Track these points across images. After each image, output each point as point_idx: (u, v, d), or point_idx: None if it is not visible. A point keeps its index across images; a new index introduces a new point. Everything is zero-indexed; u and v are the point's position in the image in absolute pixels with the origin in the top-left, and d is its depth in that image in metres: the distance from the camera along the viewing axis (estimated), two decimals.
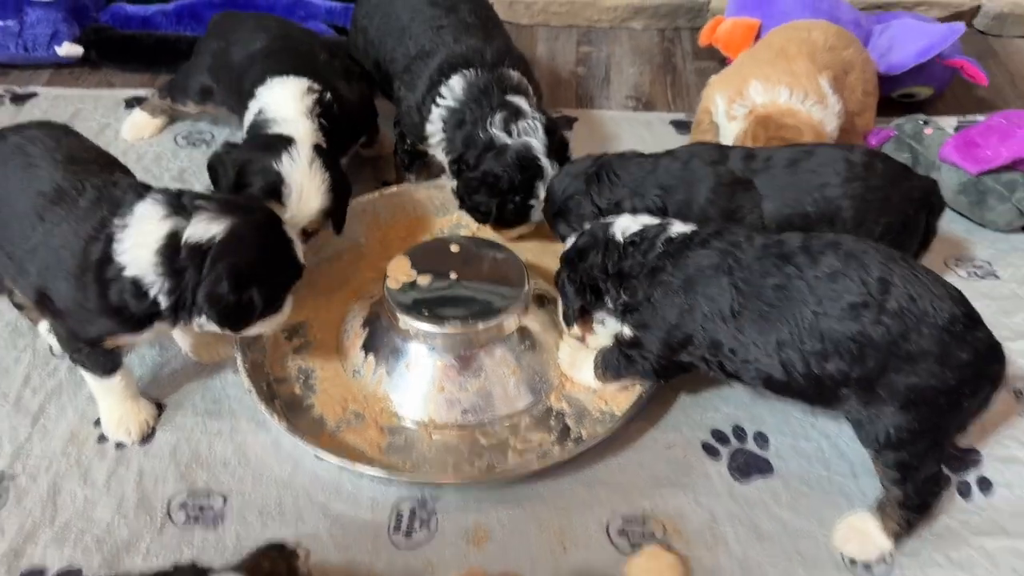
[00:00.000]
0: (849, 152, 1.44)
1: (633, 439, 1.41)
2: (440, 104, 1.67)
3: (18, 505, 1.31)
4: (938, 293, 1.16)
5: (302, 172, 1.47)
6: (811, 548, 1.27)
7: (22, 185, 1.30)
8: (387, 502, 1.32)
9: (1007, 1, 2.41)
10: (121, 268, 1.22)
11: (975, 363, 1.15)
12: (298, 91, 1.60)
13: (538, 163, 1.59)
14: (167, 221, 1.23)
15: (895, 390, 1.15)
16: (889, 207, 1.41)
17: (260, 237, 1.28)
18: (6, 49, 2.19)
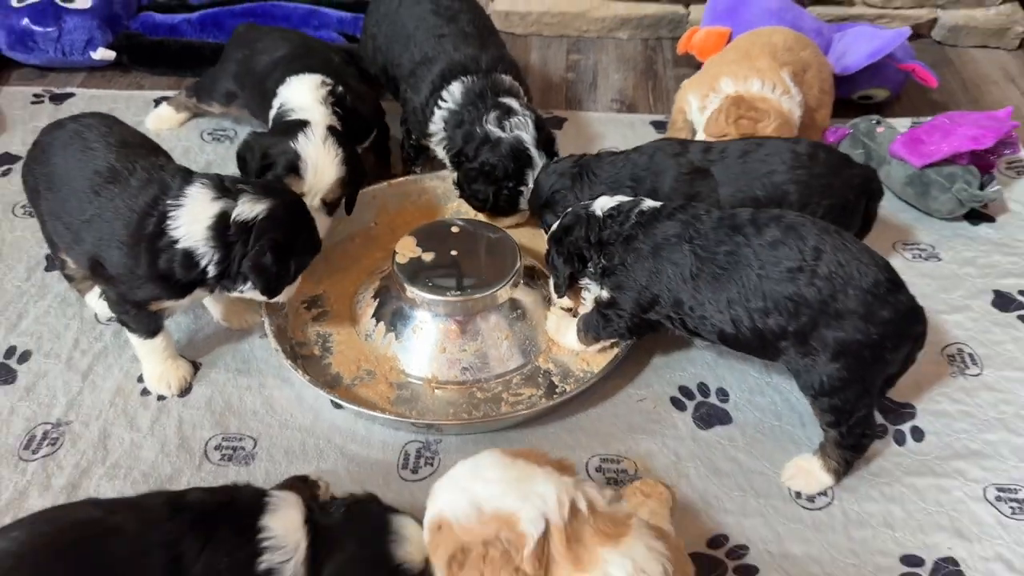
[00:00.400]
0: (795, 144, 1.63)
1: (611, 394, 1.61)
2: (442, 107, 1.86)
3: (73, 447, 1.51)
4: (864, 261, 1.35)
5: (316, 148, 1.67)
6: (763, 483, 1.47)
7: (80, 165, 1.48)
8: (396, 444, 1.52)
9: (961, 14, 2.61)
10: (174, 241, 1.40)
11: (896, 321, 1.34)
12: (313, 84, 1.79)
13: (528, 153, 1.78)
14: (217, 202, 1.42)
15: (826, 343, 1.34)
16: (831, 192, 1.60)
17: (293, 216, 1.48)
18: (46, 53, 2.38)
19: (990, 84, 2.50)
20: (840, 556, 1.36)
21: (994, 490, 1.45)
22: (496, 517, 1.03)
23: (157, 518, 1.08)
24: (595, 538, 1.04)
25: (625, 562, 1.02)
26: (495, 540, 1.02)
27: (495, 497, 1.05)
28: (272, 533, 1.09)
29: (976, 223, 1.99)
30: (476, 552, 1.02)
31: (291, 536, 1.11)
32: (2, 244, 1.89)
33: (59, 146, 1.52)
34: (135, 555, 1.04)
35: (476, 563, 1.02)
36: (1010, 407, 1.59)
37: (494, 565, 1.01)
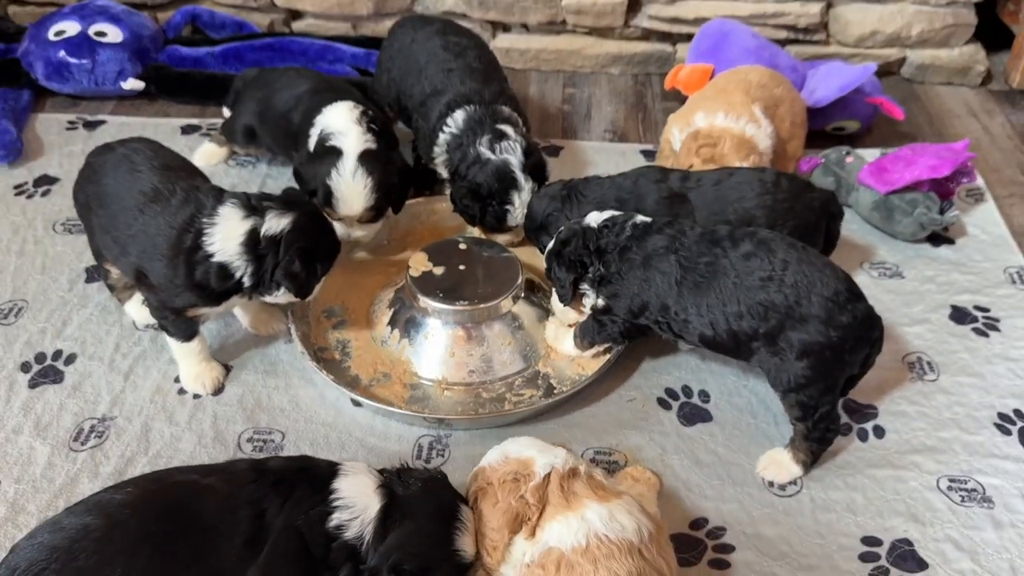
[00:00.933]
0: (761, 173, 1.82)
1: (604, 394, 1.78)
2: (445, 132, 2.04)
3: (118, 439, 1.66)
4: (827, 273, 1.53)
5: (347, 184, 1.87)
6: (739, 473, 1.63)
7: (128, 185, 1.65)
8: (411, 437, 1.68)
9: (927, 54, 2.81)
10: (210, 255, 1.57)
11: (854, 326, 1.51)
12: (347, 108, 1.98)
13: (513, 176, 1.95)
14: (247, 220, 1.59)
15: (792, 344, 1.51)
16: (794, 214, 1.78)
17: (314, 225, 1.66)
18: (80, 83, 2.55)
19: (954, 118, 2.70)
20: (807, 537, 1.53)
21: (946, 481, 1.62)
22: (517, 460, 1.35)
23: (243, 480, 1.26)
24: (586, 492, 1.30)
25: (603, 511, 1.26)
26: (512, 474, 1.32)
27: (520, 450, 1.37)
28: (343, 494, 1.27)
29: (937, 245, 2.17)
30: (495, 482, 1.32)
31: (361, 498, 1.28)
32: (45, 258, 2.06)
33: (109, 167, 1.69)
34: (227, 511, 1.22)
35: (494, 489, 1.32)
36: (962, 408, 1.76)
37: (505, 489, 1.31)
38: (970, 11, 2.75)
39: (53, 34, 2.56)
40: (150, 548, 1.17)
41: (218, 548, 1.20)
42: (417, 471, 1.39)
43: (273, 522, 1.23)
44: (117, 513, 1.19)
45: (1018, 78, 2.78)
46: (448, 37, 2.19)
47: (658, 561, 1.25)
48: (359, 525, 1.26)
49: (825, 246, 1.86)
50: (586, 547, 1.22)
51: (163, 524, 1.20)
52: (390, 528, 1.27)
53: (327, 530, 1.25)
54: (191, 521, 1.21)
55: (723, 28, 2.48)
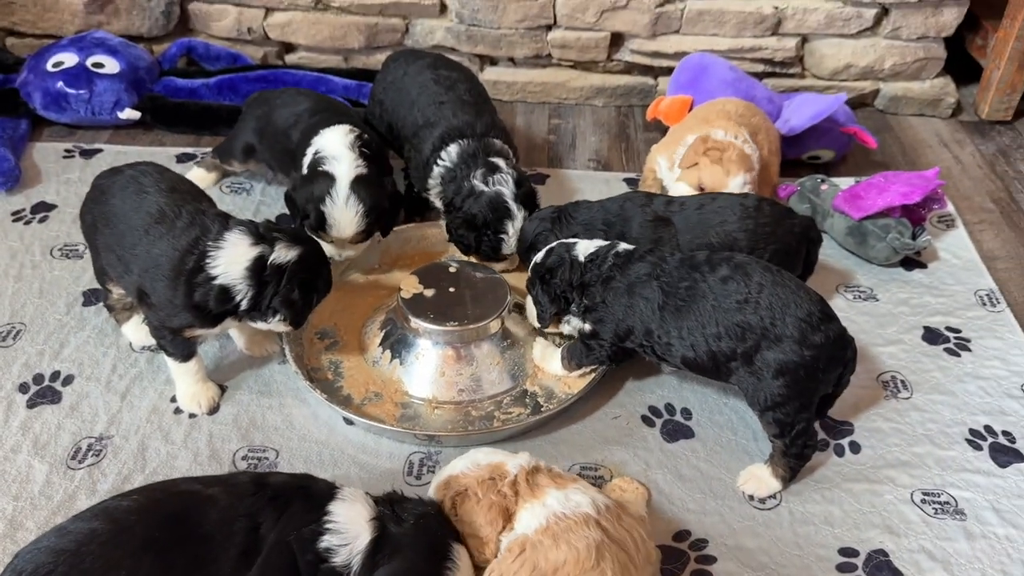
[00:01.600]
0: (744, 198, 1.90)
1: (590, 412, 1.83)
2: (440, 165, 2.10)
3: (115, 458, 1.70)
4: (800, 295, 1.59)
5: (339, 209, 1.93)
6: (720, 488, 1.69)
7: (134, 206, 1.70)
8: (402, 455, 1.73)
9: (900, 86, 2.92)
10: (212, 277, 1.61)
11: (827, 346, 1.57)
12: (342, 132, 2.04)
13: (507, 206, 2.01)
14: (255, 247, 1.64)
15: (768, 363, 1.57)
16: (775, 239, 1.86)
17: (317, 261, 1.72)
18: (77, 113, 2.60)
19: (926, 148, 2.80)
20: (787, 549, 1.58)
21: (920, 494, 1.68)
22: (489, 465, 1.47)
23: (243, 492, 1.30)
24: (547, 481, 1.44)
25: (560, 494, 1.40)
26: (488, 476, 1.44)
27: (488, 455, 1.49)
28: (336, 519, 1.30)
29: (910, 269, 2.25)
30: (475, 484, 1.43)
31: (353, 526, 1.30)
32: (43, 283, 2.10)
33: (117, 189, 1.74)
34: (224, 521, 1.26)
35: (474, 491, 1.43)
36: (935, 425, 1.82)
37: (485, 487, 1.43)
38: (940, 45, 2.86)
39: (51, 65, 2.62)
40: (153, 554, 1.21)
41: (216, 558, 1.24)
42: (412, 503, 1.41)
43: (267, 536, 1.26)
44: (123, 519, 1.24)
45: (987, 109, 2.89)
46: (439, 71, 2.27)
47: (619, 531, 1.35)
48: (347, 553, 1.28)
49: (803, 271, 1.93)
50: (546, 527, 1.34)
51: (166, 531, 1.24)
52: (379, 562, 1.29)
53: (317, 550, 1.27)
54: (192, 530, 1.25)
55: (702, 61, 2.58)
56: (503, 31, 2.84)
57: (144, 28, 2.87)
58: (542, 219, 1.98)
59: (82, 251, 2.18)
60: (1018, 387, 1.92)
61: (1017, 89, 2.85)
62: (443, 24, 2.86)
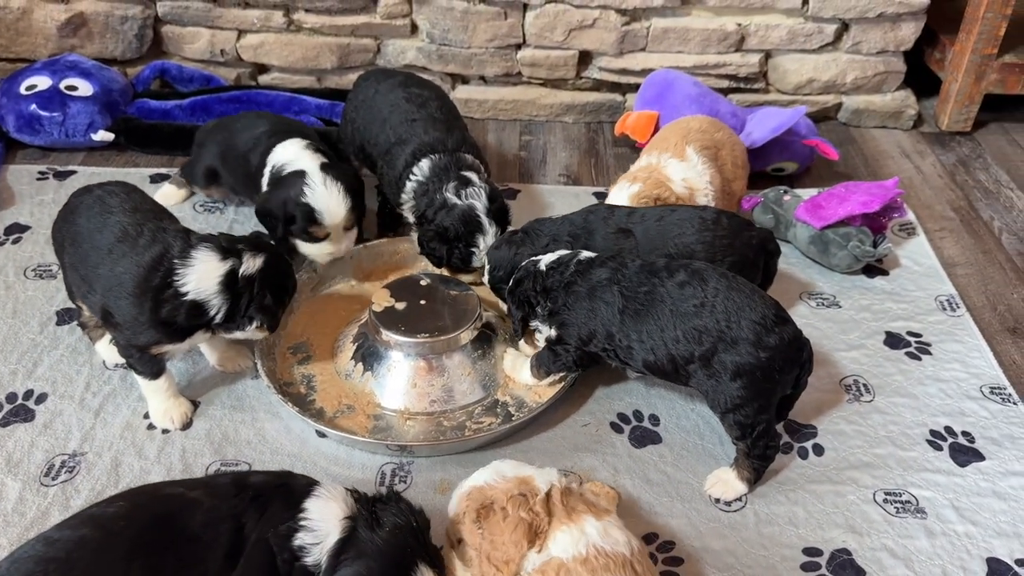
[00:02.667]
0: (702, 211, 1.94)
1: (560, 420, 1.86)
2: (412, 179, 2.14)
3: (88, 474, 1.71)
4: (755, 299, 1.63)
5: (323, 194, 2.00)
6: (687, 491, 1.72)
7: (98, 225, 1.72)
8: (374, 466, 1.75)
9: (862, 99, 2.99)
10: (183, 294, 1.64)
11: (782, 347, 1.61)
12: (299, 144, 2.11)
13: (479, 220, 2.04)
14: (225, 262, 1.67)
15: (725, 366, 1.61)
16: (733, 251, 1.90)
17: (281, 264, 1.76)
18: (51, 135, 2.62)
19: (888, 159, 2.87)
20: (752, 549, 1.61)
21: (882, 494, 1.72)
22: (517, 478, 1.43)
23: (225, 494, 1.32)
24: (582, 507, 1.41)
25: (600, 525, 1.37)
26: (517, 490, 1.40)
27: (514, 469, 1.47)
28: (310, 516, 1.32)
29: (872, 276, 2.30)
30: (500, 501, 1.39)
31: (325, 524, 1.31)
32: (16, 303, 2.11)
33: (84, 208, 1.77)
34: (209, 523, 1.28)
35: (501, 505, 1.39)
36: (897, 427, 1.87)
37: (515, 504, 1.38)
38: (899, 59, 2.94)
39: (24, 88, 2.64)
40: (143, 558, 1.22)
41: (203, 559, 1.25)
42: (396, 510, 1.38)
43: (250, 536, 1.28)
44: (111, 525, 1.25)
45: (946, 121, 2.97)
46: (410, 89, 2.30)
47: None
48: (318, 552, 1.30)
49: (763, 282, 1.97)
50: (585, 557, 1.31)
51: (154, 535, 1.25)
52: (341, 563, 1.29)
53: (292, 548, 1.29)
54: (179, 533, 1.26)
55: (667, 77, 2.64)
56: (473, 50, 2.89)
57: (117, 51, 2.90)
58: (509, 243, 2.00)
59: (55, 271, 2.19)
60: (977, 389, 1.97)
61: (975, 101, 2.93)
62: (414, 44, 2.91)
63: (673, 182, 2.09)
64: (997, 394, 1.95)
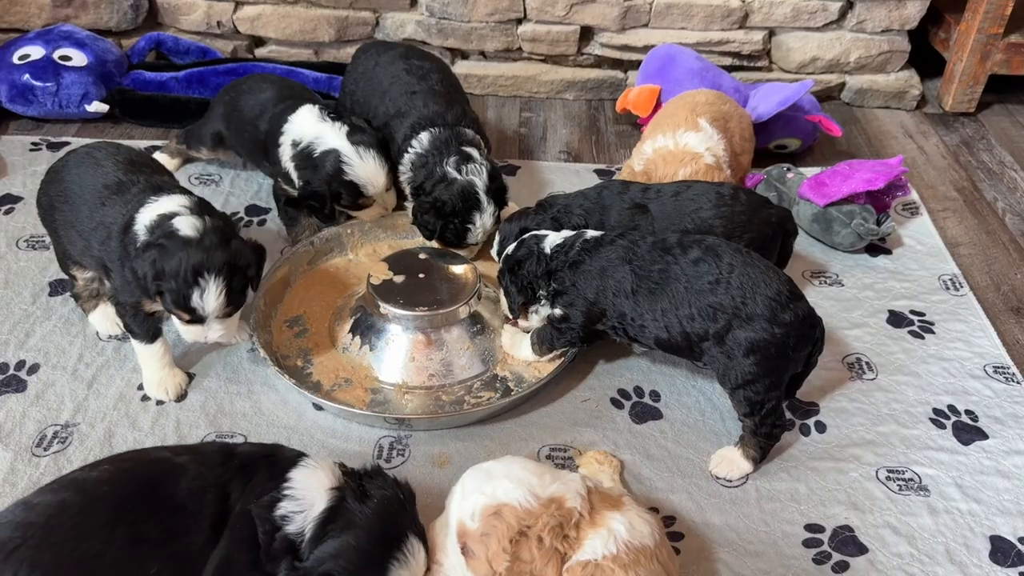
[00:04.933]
0: (719, 187, 1.90)
1: (559, 395, 1.84)
2: (411, 151, 2.11)
3: (81, 445, 1.68)
4: (769, 275, 1.61)
5: (363, 167, 2.03)
6: (688, 466, 1.70)
7: (91, 180, 1.69)
8: (371, 439, 1.73)
9: (865, 79, 2.96)
10: (136, 240, 1.58)
11: (796, 324, 1.59)
12: (314, 114, 2.07)
13: (477, 197, 2.02)
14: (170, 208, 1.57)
15: (739, 342, 1.59)
16: (751, 227, 1.86)
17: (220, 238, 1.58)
18: (44, 106, 2.58)
19: (891, 139, 2.84)
20: (753, 524, 1.60)
21: (884, 471, 1.71)
22: (551, 500, 1.31)
23: (212, 462, 1.29)
24: (602, 506, 1.34)
25: (624, 520, 1.32)
26: (555, 518, 1.29)
27: (545, 486, 1.32)
28: (294, 485, 1.28)
29: (875, 255, 2.28)
30: (537, 530, 1.28)
31: (310, 493, 1.27)
32: (8, 273, 2.08)
33: (72, 165, 1.74)
34: (195, 492, 1.25)
35: (536, 537, 1.28)
36: (899, 404, 1.85)
37: (552, 535, 1.28)
38: (904, 38, 2.91)
39: (17, 58, 2.60)
40: (126, 525, 1.19)
41: (189, 529, 1.22)
42: (384, 483, 1.34)
43: (236, 505, 1.26)
44: (94, 489, 1.21)
45: (950, 101, 2.94)
46: (411, 60, 2.27)
47: (669, 565, 1.33)
48: (302, 520, 1.25)
49: (777, 262, 1.94)
50: (616, 554, 1.27)
51: (138, 501, 1.22)
52: (328, 533, 1.25)
53: (274, 519, 1.25)
54: (165, 500, 1.23)
55: (669, 51, 2.60)
56: (473, 24, 2.85)
57: (112, 22, 2.85)
58: (522, 215, 1.97)
59: (48, 242, 2.14)
60: (980, 368, 1.95)
61: (979, 81, 2.90)
62: (413, 17, 2.87)
63: (704, 157, 2.06)
64: (1000, 373, 1.94)
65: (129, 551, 1.18)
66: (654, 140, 2.14)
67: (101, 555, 1.16)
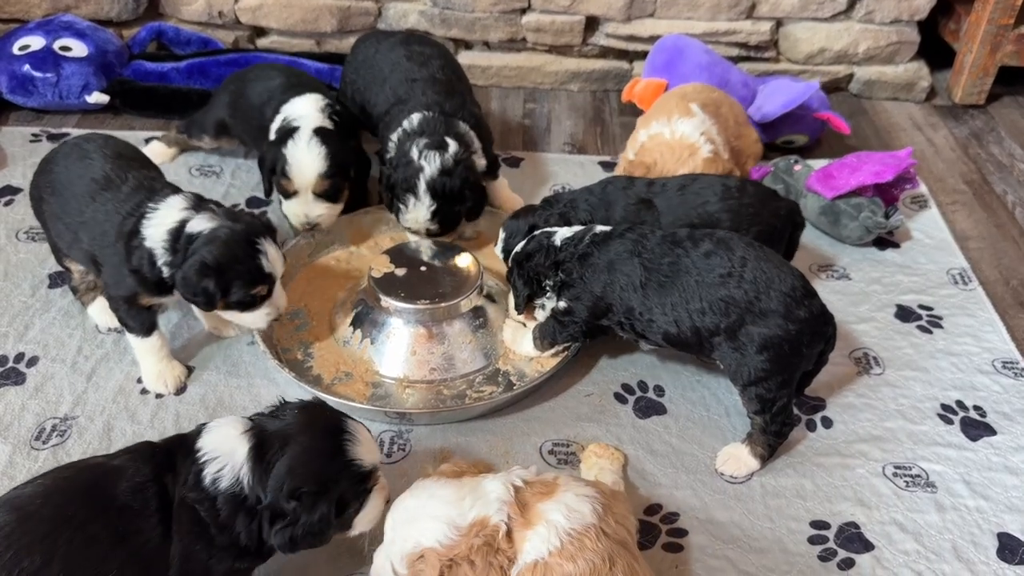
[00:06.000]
0: (726, 179, 1.88)
1: (563, 390, 1.82)
2: (400, 129, 2.06)
3: (80, 438, 1.67)
4: (783, 269, 1.58)
5: (300, 151, 1.94)
6: (692, 462, 1.68)
7: (79, 173, 1.68)
8: (372, 433, 1.70)
9: (874, 70, 2.93)
10: (143, 239, 1.60)
11: (811, 320, 1.56)
12: (313, 99, 2.06)
13: (416, 184, 1.95)
14: (184, 212, 1.60)
15: (752, 338, 1.56)
16: (759, 220, 1.83)
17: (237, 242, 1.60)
18: (44, 97, 2.57)
19: (899, 131, 2.81)
20: (758, 521, 1.58)
21: (891, 467, 1.68)
22: (472, 525, 1.24)
23: (144, 457, 1.26)
24: (534, 499, 1.27)
25: (559, 507, 1.26)
26: (481, 540, 1.22)
27: (464, 513, 1.25)
28: (204, 448, 1.26)
29: (883, 248, 2.25)
30: (463, 555, 1.21)
31: (224, 445, 1.26)
32: (8, 265, 2.06)
33: (61, 157, 1.73)
34: (135, 490, 1.21)
35: (466, 561, 1.21)
36: (907, 400, 1.83)
37: (481, 554, 1.21)
38: (913, 29, 2.87)
39: (17, 48, 2.58)
40: (69, 532, 1.15)
41: (140, 527, 1.19)
42: (292, 403, 1.34)
43: (173, 495, 1.23)
44: (27, 504, 1.18)
45: (960, 93, 2.91)
46: (412, 47, 2.24)
47: (619, 531, 1.28)
48: (230, 471, 1.24)
49: (784, 255, 1.92)
50: (561, 547, 1.22)
51: (78, 507, 1.18)
52: (272, 461, 1.24)
53: (205, 489, 1.23)
54: (107, 502, 1.19)
55: (677, 44, 2.57)
56: (477, 14, 2.82)
57: (113, 12, 2.82)
58: (528, 211, 1.94)
59: None
60: (989, 363, 1.92)
61: (989, 73, 2.87)
62: (416, 7, 2.84)
63: (700, 144, 2.03)
64: (1010, 368, 1.91)
65: (80, 555, 1.15)
66: (648, 128, 2.11)
67: (47, 565, 1.13)
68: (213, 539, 1.23)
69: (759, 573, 1.49)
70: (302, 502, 1.23)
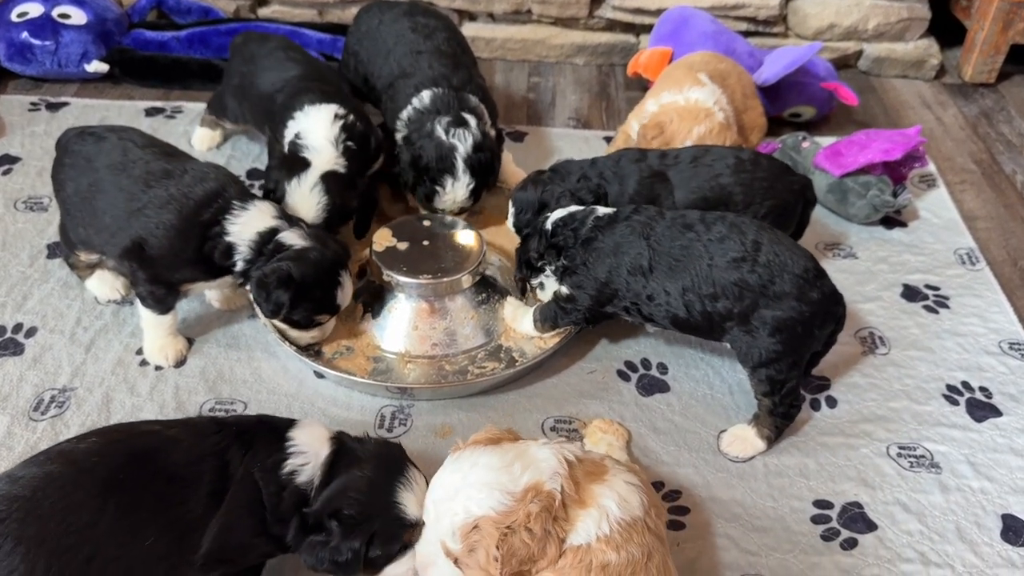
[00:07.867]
0: (739, 151, 1.85)
1: (565, 367, 1.80)
2: (411, 107, 2.03)
3: (79, 409, 1.66)
4: (796, 252, 1.56)
5: (303, 194, 1.85)
6: (695, 440, 1.67)
7: (126, 165, 1.67)
8: (373, 408, 1.70)
9: (883, 47, 2.89)
10: (224, 233, 1.63)
11: (823, 301, 1.55)
12: (328, 118, 1.91)
13: (454, 163, 1.94)
14: (276, 220, 1.68)
15: (765, 321, 1.54)
16: (773, 194, 1.81)
17: (324, 267, 1.66)
18: (43, 65, 2.53)
19: (908, 110, 2.78)
20: (760, 500, 1.57)
21: (896, 448, 1.67)
22: (526, 490, 1.20)
23: (205, 432, 1.27)
24: (586, 479, 1.25)
25: (612, 494, 1.24)
26: (538, 506, 1.18)
27: (516, 478, 1.21)
28: (297, 442, 1.30)
29: (890, 227, 2.23)
30: (526, 520, 1.17)
31: (313, 445, 1.31)
32: (6, 235, 2.04)
33: (103, 155, 1.69)
34: (191, 462, 1.23)
35: (523, 529, 1.17)
36: (912, 380, 1.81)
37: (540, 520, 1.17)
38: (924, 5, 2.83)
39: (16, 15, 2.54)
40: (118, 495, 1.16)
41: (185, 498, 1.20)
42: (377, 439, 1.39)
43: (235, 473, 1.24)
44: (83, 461, 1.18)
45: (970, 72, 2.87)
46: (416, 18, 2.20)
47: (658, 525, 1.27)
48: (311, 470, 1.28)
49: (794, 233, 1.90)
50: (609, 535, 1.20)
51: (130, 472, 1.19)
52: (337, 474, 1.29)
53: (280, 477, 1.26)
54: (158, 470, 1.20)
55: (683, 13, 2.53)
56: None
57: None
58: (536, 182, 1.90)
59: (47, 204, 2.12)
60: (996, 344, 1.91)
61: (1001, 51, 2.83)
62: None
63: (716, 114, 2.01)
64: (1016, 350, 1.89)
65: (123, 521, 1.15)
66: (658, 98, 2.08)
67: (92, 525, 1.13)
68: (265, 522, 1.25)
69: (761, 552, 1.49)
70: (341, 524, 1.25)
